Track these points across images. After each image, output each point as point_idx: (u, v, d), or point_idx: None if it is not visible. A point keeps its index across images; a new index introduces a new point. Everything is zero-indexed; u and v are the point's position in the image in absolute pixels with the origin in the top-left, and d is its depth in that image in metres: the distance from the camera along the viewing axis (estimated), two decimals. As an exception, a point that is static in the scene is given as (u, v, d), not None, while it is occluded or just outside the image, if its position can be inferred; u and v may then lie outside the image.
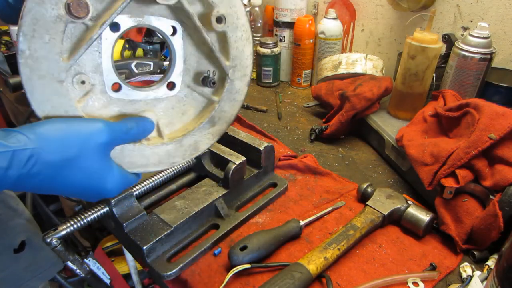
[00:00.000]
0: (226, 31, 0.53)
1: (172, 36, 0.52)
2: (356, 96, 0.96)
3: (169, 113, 0.55)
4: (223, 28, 0.52)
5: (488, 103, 0.72)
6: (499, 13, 0.98)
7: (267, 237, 0.66)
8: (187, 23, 0.52)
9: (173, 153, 0.54)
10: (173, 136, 0.54)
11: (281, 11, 1.31)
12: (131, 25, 0.48)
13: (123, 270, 1.33)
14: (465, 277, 0.63)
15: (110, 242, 1.42)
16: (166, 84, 0.54)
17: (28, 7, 0.39)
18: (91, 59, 0.47)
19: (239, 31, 0.54)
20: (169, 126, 0.55)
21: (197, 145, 0.56)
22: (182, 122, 0.56)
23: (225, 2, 0.51)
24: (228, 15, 0.52)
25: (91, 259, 0.73)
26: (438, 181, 0.69)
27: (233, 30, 0.53)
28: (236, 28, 0.53)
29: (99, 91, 0.48)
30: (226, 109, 0.58)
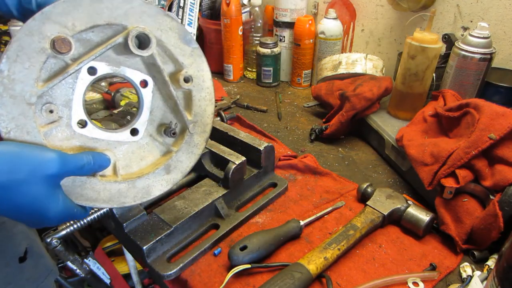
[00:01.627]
0: (192, 90, 0.59)
1: (143, 89, 0.57)
2: (356, 96, 0.96)
3: (128, 157, 0.57)
4: (189, 87, 0.58)
5: (488, 103, 0.72)
6: (499, 13, 0.98)
7: (267, 237, 0.66)
8: (157, 77, 0.57)
9: (125, 193, 0.56)
10: (127, 177, 0.56)
11: (281, 11, 1.31)
12: (106, 72, 0.53)
13: (123, 270, 1.34)
14: (465, 277, 0.63)
15: (110, 242, 1.42)
16: (130, 130, 0.57)
17: (18, 36, 0.44)
18: (64, 94, 0.50)
19: (204, 92, 0.61)
20: (125, 168, 0.57)
21: (150, 189, 0.58)
22: (139, 166, 0.59)
23: (194, 65, 0.59)
24: (195, 77, 0.59)
25: (91, 259, 0.73)
26: (438, 181, 0.69)
27: (198, 91, 0.60)
28: (201, 89, 0.60)
29: (64, 124, 0.51)
30: (182, 159, 0.61)
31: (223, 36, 1.34)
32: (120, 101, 1.08)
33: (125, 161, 0.57)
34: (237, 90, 1.36)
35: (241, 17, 1.32)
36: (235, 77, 1.41)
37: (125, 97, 1.08)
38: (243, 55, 1.41)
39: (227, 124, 0.87)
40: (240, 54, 1.38)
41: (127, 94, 1.09)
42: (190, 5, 1.36)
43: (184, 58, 0.57)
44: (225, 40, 1.34)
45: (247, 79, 1.45)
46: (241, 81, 1.43)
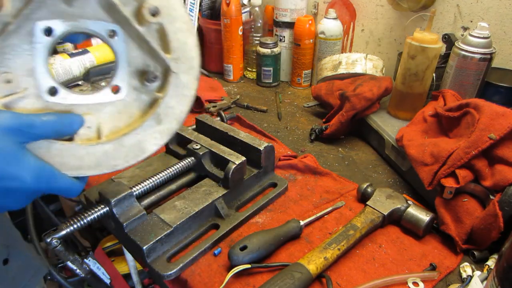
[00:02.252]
0: (163, 23, 0.51)
1: (112, 39, 0.51)
2: (356, 96, 0.96)
3: (114, 117, 0.52)
4: (158, 20, 0.50)
5: (488, 103, 0.72)
6: (499, 13, 0.98)
7: (267, 237, 0.66)
8: (123, 22, 0.50)
9: (113, 155, 0.51)
10: (112, 136, 0.51)
11: (281, 11, 1.31)
12: (65, 30, 0.47)
13: (123, 270, 1.33)
14: (465, 277, 0.63)
15: (110, 242, 1.42)
16: (111, 88, 0.52)
17: None
18: (24, 63, 0.45)
19: (178, 22, 0.52)
20: (112, 129, 0.52)
21: (142, 145, 0.52)
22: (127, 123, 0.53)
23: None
24: (163, 7, 0.50)
25: (91, 259, 0.73)
26: (438, 181, 0.69)
27: (171, 22, 0.51)
28: (174, 19, 0.52)
29: (33, 95, 0.47)
30: (173, 104, 0.54)
31: (223, 36, 1.34)
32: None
33: (113, 123, 0.52)
34: (237, 90, 1.36)
35: (241, 17, 1.32)
36: (235, 77, 1.41)
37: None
38: (243, 55, 1.41)
39: (227, 124, 0.87)
40: (240, 54, 1.38)
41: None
42: (190, 5, 1.36)
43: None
44: (225, 40, 1.34)
45: (247, 79, 1.45)
46: (241, 81, 1.43)
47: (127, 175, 0.80)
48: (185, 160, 0.79)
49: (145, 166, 0.83)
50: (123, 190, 0.66)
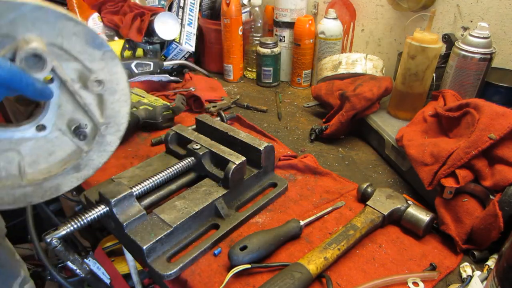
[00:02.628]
0: (103, 94, 0.56)
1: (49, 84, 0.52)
2: (356, 96, 0.96)
3: (35, 152, 0.55)
4: (100, 91, 0.55)
5: (488, 103, 0.72)
6: (499, 13, 0.98)
7: (267, 237, 0.66)
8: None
9: (31, 194, 0.54)
10: (33, 178, 0.54)
11: (281, 11, 1.31)
12: None
13: (123, 270, 1.33)
14: (465, 277, 0.63)
15: (110, 242, 1.42)
16: (36, 126, 0.54)
17: None
18: None
19: (117, 94, 0.57)
20: (33, 165, 0.55)
21: (59, 187, 0.57)
22: (48, 162, 0.57)
23: (106, 69, 0.54)
24: (108, 81, 0.55)
25: (91, 259, 0.73)
26: (438, 181, 0.69)
27: (111, 94, 0.57)
28: (115, 92, 0.57)
29: None
30: (94, 158, 0.60)
31: (223, 36, 1.34)
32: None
33: (32, 157, 0.55)
34: (237, 90, 1.36)
35: (241, 17, 1.32)
36: (235, 77, 1.41)
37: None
38: (243, 55, 1.41)
39: (227, 124, 0.87)
40: (240, 54, 1.38)
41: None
42: (190, 5, 1.36)
43: (93, 64, 0.53)
44: (225, 40, 1.34)
45: (247, 79, 1.45)
46: (241, 81, 1.43)
47: (127, 175, 0.80)
48: (185, 160, 0.79)
49: (145, 166, 0.83)
50: (123, 190, 0.66)
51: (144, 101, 1.05)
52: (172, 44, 1.37)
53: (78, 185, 0.59)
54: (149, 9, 1.30)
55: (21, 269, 0.84)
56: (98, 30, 1.36)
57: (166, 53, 1.40)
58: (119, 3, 1.37)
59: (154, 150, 0.97)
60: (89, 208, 0.65)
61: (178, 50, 1.38)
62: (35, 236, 0.91)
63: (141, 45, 1.31)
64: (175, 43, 1.37)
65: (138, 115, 1.00)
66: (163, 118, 1.04)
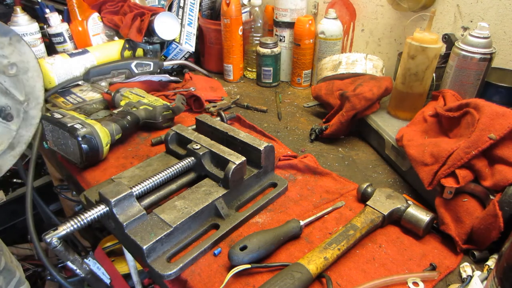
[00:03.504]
0: (18, 75, 0.62)
1: None
2: (356, 96, 0.96)
3: None
4: (15, 73, 0.61)
5: (488, 103, 0.72)
6: (499, 13, 0.98)
7: (267, 237, 0.66)
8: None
9: None
10: None
11: (281, 11, 1.31)
12: None
13: (123, 270, 1.33)
14: (465, 277, 0.63)
15: (110, 242, 1.42)
16: None
17: None
18: None
19: (30, 72, 0.64)
20: None
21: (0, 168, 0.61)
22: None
23: (15, 52, 0.61)
24: (19, 61, 0.62)
25: (91, 259, 0.73)
26: (438, 181, 0.69)
27: (25, 72, 0.63)
28: (27, 70, 0.63)
29: None
30: (23, 133, 0.65)
31: (223, 36, 1.34)
32: (120, 101, 1.08)
33: None
34: (237, 90, 1.36)
35: (241, 17, 1.32)
36: (235, 77, 1.41)
37: (125, 97, 1.08)
38: (243, 55, 1.41)
39: (227, 124, 0.87)
40: (240, 54, 1.38)
41: (127, 94, 1.09)
42: (190, 5, 1.36)
43: (3, 50, 0.59)
44: (225, 40, 1.34)
45: (247, 79, 1.45)
46: (241, 81, 1.43)
47: (127, 175, 0.80)
48: (185, 160, 0.79)
49: (145, 166, 0.83)
50: (123, 190, 0.66)
51: (144, 101, 1.05)
52: (172, 44, 1.37)
53: (15, 161, 0.62)
54: (149, 9, 1.30)
55: (17, 270, 0.84)
56: (98, 30, 1.37)
57: (166, 53, 1.40)
58: (119, 3, 1.37)
59: (154, 150, 0.97)
60: (89, 208, 0.65)
61: (178, 50, 1.38)
62: (35, 236, 0.90)
63: (141, 45, 1.31)
64: (175, 43, 1.37)
65: (138, 115, 1.00)
66: (163, 118, 1.04)
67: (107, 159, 0.93)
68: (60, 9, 1.42)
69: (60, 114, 0.86)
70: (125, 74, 1.24)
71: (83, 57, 1.22)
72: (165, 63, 1.33)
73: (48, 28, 1.29)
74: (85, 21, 1.33)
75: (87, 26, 1.33)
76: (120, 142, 0.98)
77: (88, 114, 1.10)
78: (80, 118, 0.87)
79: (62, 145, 0.86)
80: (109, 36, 1.39)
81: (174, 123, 1.08)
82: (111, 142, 0.92)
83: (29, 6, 1.64)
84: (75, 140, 0.82)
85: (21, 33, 1.22)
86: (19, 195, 1.83)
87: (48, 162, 1.63)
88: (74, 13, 1.33)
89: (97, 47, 1.29)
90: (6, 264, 0.80)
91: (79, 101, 1.15)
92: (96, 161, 0.90)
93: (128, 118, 0.97)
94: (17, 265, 0.87)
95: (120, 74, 1.23)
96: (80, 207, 1.51)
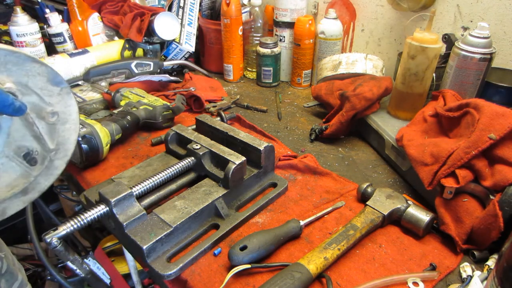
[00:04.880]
0: (56, 124, 0.61)
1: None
2: (356, 96, 0.96)
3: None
4: (54, 121, 0.61)
5: (488, 103, 0.72)
6: (499, 13, 0.98)
7: (267, 237, 0.66)
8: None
9: None
10: None
11: (281, 11, 1.31)
12: None
13: (123, 270, 1.33)
14: (465, 277, 0.63)
15: (110, 242, 1.42)
16: None
17: None
18: None
19: (68, 124, 0.63)
20: None
21: (5, 210, 0.60)
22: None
23: (62, 103, 0.60)
24: (62, 112, 0.61)
25: (91, 259, 0.73)
26: (438, 181, 0.69)
27: (63, 123, 0.62)
28: (66, 121, 0.63)
29: None
30: (41, 181, 0.63)
31: (223, 36, 1.34)
32: (120, 101, 1.08)
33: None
34: (237, 90, 1.36)
35: (241, 17, 1.32)
36: (235, 77, 1.41)
37: (125, 97, 1.08)
38: (243, 55, 1.41)
39: (227, 124, 0.87)
40: (240, 54, 1.38)
41: (127, 94, 1.09)
42: (190, 5, 1.36)
43: (51, 98, 0.60)
44: (225, 40, 1.34)
45: (247, 79, 1.45)
46: (241, 81, 1.43)
47: (127, 175, 0.80)
48: (185, 160, 0.79)
49: (145, 166, 0.83)
50: (123, 190, 0.66)
51: (144, 101, 1.05)
52: (172, 44, 1.37)
53: (22, 208, 0.62)
54: (149, 9, 1.30)
55: (19, 272, 0.84)
56: (98, 30, 1.37)
57: (166, 53, 1.40)
58: (119, 3, 1.37)
59: (154, 150, 0.97)
60: (89, 208, 0.65)
61: (178, 50, 1.38)
62: (35, 236, 0.91)
63: (141, 45, 1.31)
64: (175, 43, 1.37)
65: (138, 115, 1.00)
66: (163, 118, 1.04)
67: (107, 159, 0.93)
68: (60, 9, 1.42)
69: (60, 114, 0.86)
70: (125, 74, 1.24)
71: (83, 57, 1.22)
72: (165, 63, 1.33)
73: (48, 28, 1.29)
74: (85, 21, 1.33)
75: (87, 26, 1.33)
76: (120, 142, 0.98)
77: (88, 114, 1.10)
78: (80, 118, 0.87)
79: (62, 145, 0.86)
80: (109, 36, 1.39)
81: (174, 123, 1.08)
82: (111, 142, 0.92)
83: (29, 6, 1.65)
84: (75, 140, 0.82)
85: (21, 33, 1.22)
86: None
87: (48, 162, 1.62)
88: (74, 13, 1.33)
89: (97, 47, 1.29)
90: (8, 267, 0.80)
91: (79, 101, 1.15)
92: (96, 161, 0.90)
93: (128, 118, 0.97)
94: (20, 268, 0.87)
95: (120, 74, 1.23)
96: (80, 207, 1.51)
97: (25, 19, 1.22)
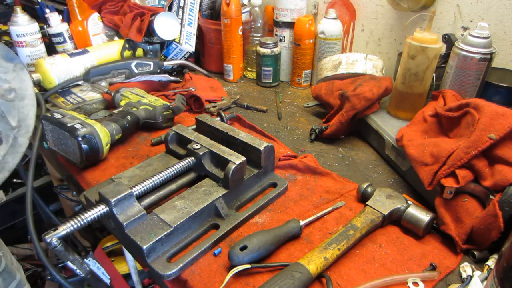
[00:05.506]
0: (14, 100, 0.63)
1: None
2: (356, 96, 0.96)
3: None
4: (12, 98, 0.62)
5: (488, 103, 0.72)
6: (499, 13, 0.98)
7: (267, 237, 0.66)
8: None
9: None
10: None
11: (281, 11, 1.31)
12: None
13: (123, 270, 1.33)
14: (465, 277, 0.63)
15: (110, 242, 1.42)
16: None
17: None
18: None
19: (26, 99, 0.65)
20: None
21: None
22: None
23: (17, 78, 0.62)
24: (19, 88, 0.63)
25: (91, 259, 0.73)
26: (438, 181, 0.69)
27: (21, 99, 0.65)
28: (24, 97, 0.65)
29: None
30: (9, 160, 0.65)
31: (223, 36, 1.34)
32: (120, 101, 1.08)
33: None
34: (237, 90, 1.36)
35: (241, 17, 1.32)
36: (235, 77, 1.41)
37: (125, 97, 1.08)
38: (243, 55, 1.41)
39: (227, 124, 0.87)
40: (240, 54, 1.38)
41: (127, 94, 1.09)
42: (190, 5, 1.36)
43: (6, 75, 0.61)
44: (225, 40, 1.34)
45: (247, 79, 1.45)
46: (241, 81, 1.43)
47: (127, 175, 0.80)
48: (185, 160, 0.79)
49: (145, 166, 0.83)
50: (123, 190, 0.66)
51: (144, 101, 1.05)
52: (172, 44, 1.37)
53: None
54: (149, 9, 1.30)
55: (17, 272, 0.84)
56: (98, 30, 1.36)
57: (166, 53, 1.40)
58: (119, 3, 1.37)
59: (154, 150, 0.97)
60: (89, 208, 0.65)
61: (178, 50, 1.38)
62: (35, 236, 0.90)
63: (141, 45, 1.31)
64: (175, 43, 1.37)
65: (138, 115, 1.00)
66: (163, 118, 1.04)
67: (107, 159, 0.93)
68: (60, 9, 1.42)
69: (60, 114, 0.86)
70: (125, 74, 1.24)
71: (83, 57, 1.22)
72: (165, 63, 1.33)
73: (48, 28, 1.29)
74: (85, 21, 1.33)
75: (87, 26, 1.33)
76: (120, 142, 0.98)
77: (88, 114, 1.10)
78: (80, 118, 0.87)
79: (62, 145, 0.86)
80: (109, 36, 1.39)
81: (174, 123, 1.08)
82: (111, 142, 0.92)
83: (29, 6, 1.65)
84: (75, 140, 0.82)
85: (21, 33, 1.22)
86: (19, 195, 1.83)
87: (48, 162, 1.63)
88: (74, 13, 1.33)
89: (97, 47, 1.29)
90: (6, 266, 0.80)
91: (79, 101, 1.15)
92: (96, 161, 0.90)
93: (128, 118, 0.97)
94: (18, 267, 0.87)
95: (120, 74, 1.23)
96: (80, 207, 1.51)
97: (25, 19, 1.22)
